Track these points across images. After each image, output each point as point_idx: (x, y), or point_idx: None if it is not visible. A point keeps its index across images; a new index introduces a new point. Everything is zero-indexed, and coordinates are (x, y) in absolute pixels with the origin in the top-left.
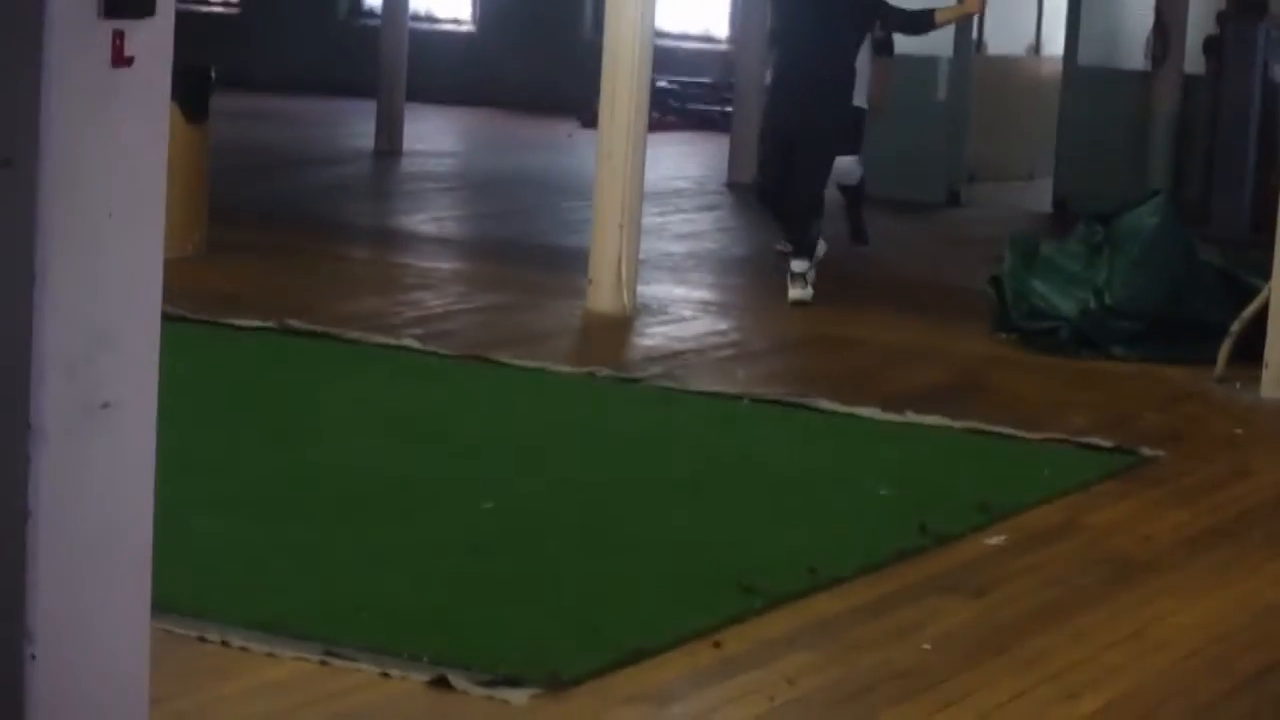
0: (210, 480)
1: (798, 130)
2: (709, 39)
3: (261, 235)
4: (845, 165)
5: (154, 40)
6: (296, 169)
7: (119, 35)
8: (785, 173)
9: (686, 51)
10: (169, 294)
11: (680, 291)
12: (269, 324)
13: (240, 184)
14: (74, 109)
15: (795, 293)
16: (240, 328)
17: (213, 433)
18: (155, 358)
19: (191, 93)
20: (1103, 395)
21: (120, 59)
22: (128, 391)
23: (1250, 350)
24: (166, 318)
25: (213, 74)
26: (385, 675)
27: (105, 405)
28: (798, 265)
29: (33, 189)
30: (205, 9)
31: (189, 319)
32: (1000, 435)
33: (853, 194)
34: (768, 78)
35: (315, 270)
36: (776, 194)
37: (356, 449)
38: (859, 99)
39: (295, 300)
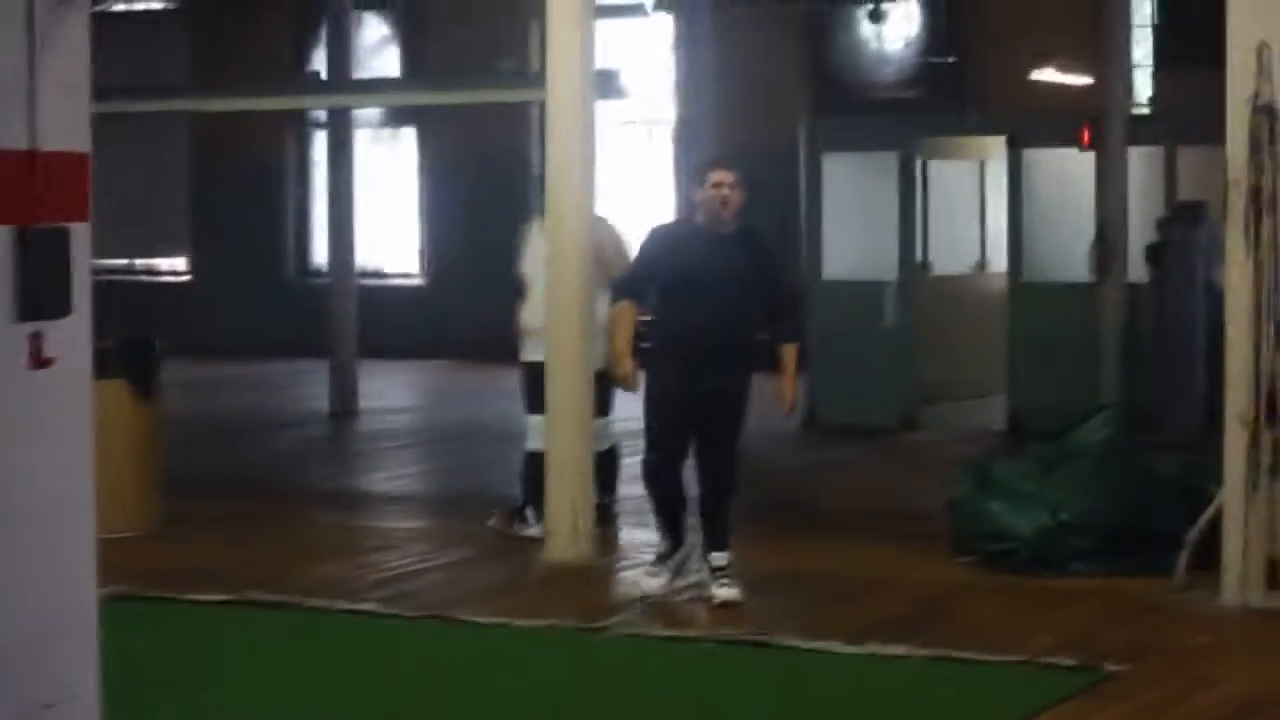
0: None
1: (713, 397)
2: None
3: (220, 506)
4: (597, 428)
5: (73, 337)
6: (252, 436)
7: (37, 337)
8: (682, 447)
9: None
10: (124, 573)
11: (640, 535)
12: (229, 597)
13: (197, 455)
14: None
15: (726, 593)
16: (200, 602)
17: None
18: (94, 652)
19: (138, 369)
20: (1064, 614)
21: (39, 360)
22: (71, 691)
23: (1210, 557)
24: (121, 598)
25: (158, 346)
26: None
27: (48, 706)
28: (720, 558)
29: None
30: (154, 279)
31: (144, 597)
32: (963, 661)
33: (607, 460)
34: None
35: (276, 538)
36: (673, 474)
37: None
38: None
39: (257, 570)
